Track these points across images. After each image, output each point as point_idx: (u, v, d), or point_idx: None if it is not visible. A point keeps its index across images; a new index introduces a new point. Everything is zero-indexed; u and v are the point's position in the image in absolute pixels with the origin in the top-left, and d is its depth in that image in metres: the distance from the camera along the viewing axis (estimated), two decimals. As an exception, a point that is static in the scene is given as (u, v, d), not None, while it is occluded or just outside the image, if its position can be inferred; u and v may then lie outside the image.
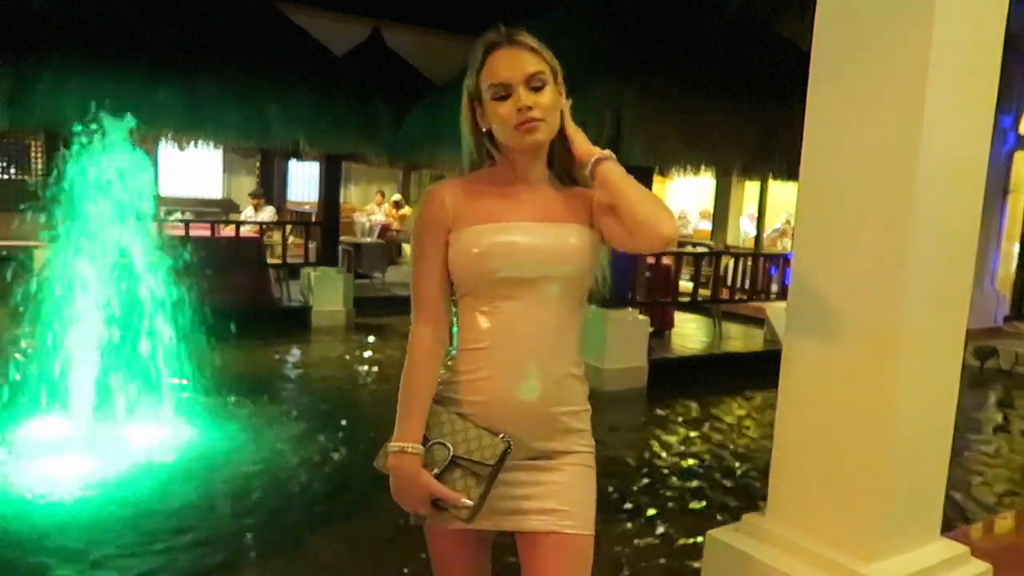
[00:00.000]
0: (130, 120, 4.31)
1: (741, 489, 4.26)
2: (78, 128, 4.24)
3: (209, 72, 6.96)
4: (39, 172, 11.31)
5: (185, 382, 4.67)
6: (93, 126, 4.23)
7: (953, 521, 3.82)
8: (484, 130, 1.59)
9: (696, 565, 2.97)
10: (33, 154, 11.56)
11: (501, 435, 1.52)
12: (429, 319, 1.59)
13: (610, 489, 4.04)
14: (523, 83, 1.50)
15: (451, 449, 1.52)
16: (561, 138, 1.61)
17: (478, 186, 1.61)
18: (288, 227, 9.47)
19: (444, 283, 1.59)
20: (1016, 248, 10.11)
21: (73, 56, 6.39)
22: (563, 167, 1.65)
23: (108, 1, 6.90)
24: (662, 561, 3.34)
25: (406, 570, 3.11)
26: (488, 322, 1.55)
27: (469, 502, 1.50)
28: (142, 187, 4.40)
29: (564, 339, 1.58)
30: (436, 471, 1.52)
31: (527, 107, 1.49)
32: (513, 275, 1.52)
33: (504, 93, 1.51)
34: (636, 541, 3.50)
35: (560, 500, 1.56)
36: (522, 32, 1.56)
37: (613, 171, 1.55)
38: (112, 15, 6.85)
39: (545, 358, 1.55)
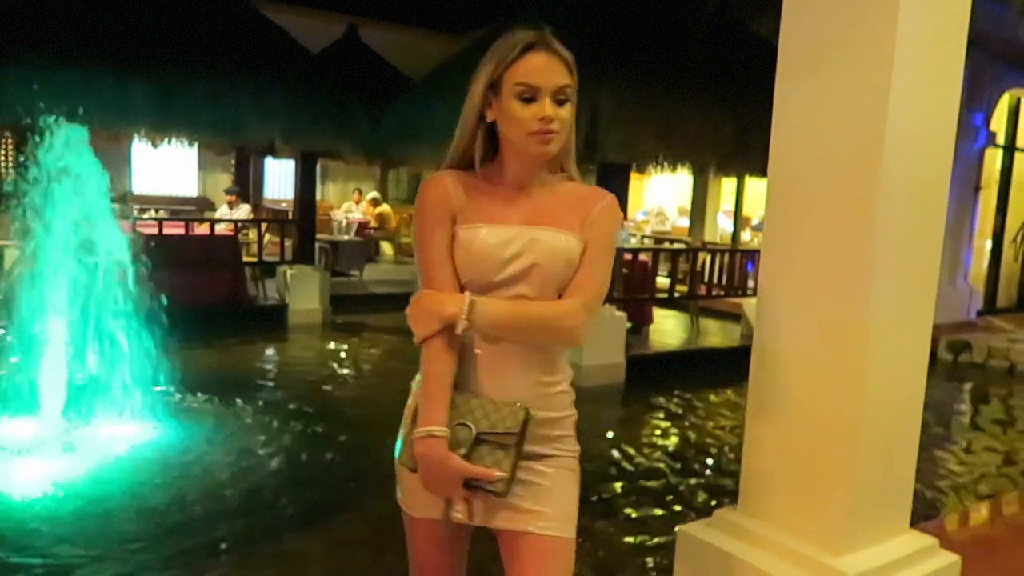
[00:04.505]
0: (96, 119, 4.26)
1: (718, 484, 4.29)
2: (45, 126, 4.18)
3: (182, 69, 6.87)
4: (8, 170, 11.14)
5: (160, 382, 4.62)
6: (58, 125, 4.17)
7: (927, 514, 3.87)
8: (488, 121, 1.56)
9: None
10: (2, 152, 11.38)
11: (518, 403, 1.51)
12: None
13: (587, 485, 4.04)
14: (551, 93, 1.50)
15: (473, 427, 1.51)
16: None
17: (475, 182, 1.59)
18: (264, 225, 9.39)
19: (454, 268, 1.56)
20: (988, 244, 10.26)
21: (43, 52, 6.29)
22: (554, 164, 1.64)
23: (78, -4, 6.81)
24: (638, 556, 3.35)
25: (383, 567, 3.10)
26: None
27: (503, 474, 1.49)
28: (112, 186, 4.36)
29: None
30: (463, 451, 1.49)
31: (549, 118, 1.49)
32: (498, 278, 1.53)
33: (530, 96, 1.49)
34: (613, 536, 3.51)
35: (538, 501, 1.56)
36: (558, 42, 1.54)
37: (486, 322, 1.50)
38: (83, 10, 6.75)
39: (525, 359, 1.55)
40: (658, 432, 5.28)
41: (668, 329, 8.61)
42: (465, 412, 1.52)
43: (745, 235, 12.23)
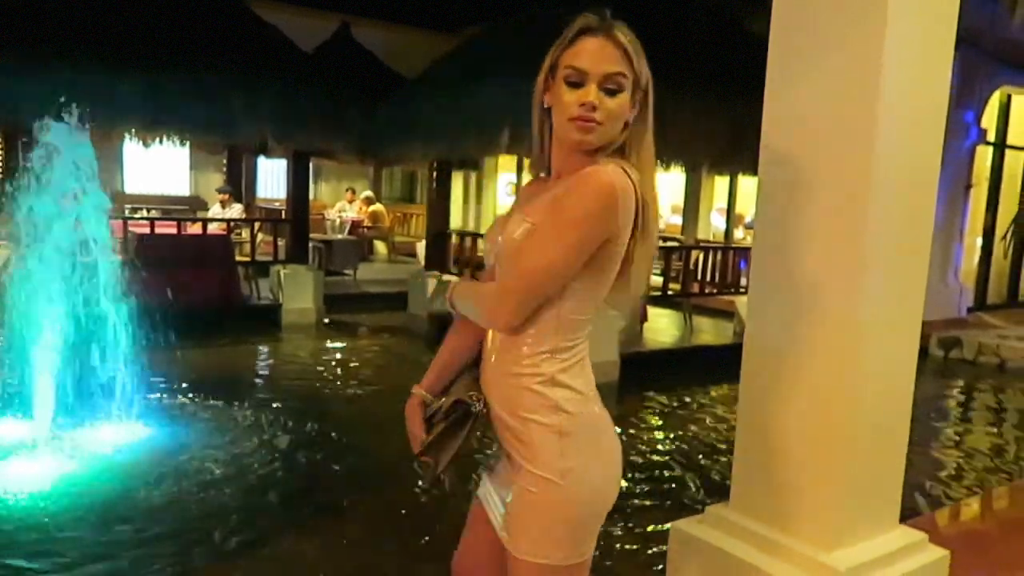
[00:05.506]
0: (87, 118, 4.24)
1: (712, 481, 4.30)
2: (36, 125, 4.17)
3: (174, 67, 6.87)
4: None
5: (153, 382, 4.61)
6: (49, 124, 4.16)
7: (917, 509, 3.89)
8: (545, 107, 1.51)
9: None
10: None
11: (472, 394, 1.54)
12: None
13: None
14: (598, 80, 1.42)
15: (445, 399, 1.60)
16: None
17: (542, 181, 1.62)
18: (257, 224, 9.38)
19: None
20: (979, 242, 10.30)
21: (33, 52, 6.27)
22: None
23: (69, -5, 6.79)
24: (632, 552, 3.36)
25: (379, 567, 3.11)
26: None
27: (420, 435, 1.58)
28: (103, 186, 4.34)
29: (515, 334, 1.49)
30: (428, 415, 1.60)
31: (591, 105, 1.41)
32: (488, 264, 1.63)
33: (577, 80, 1.43)
34: (607, 533, 3.52)
35: (509, 513, 1.53)
36: (622, 28, 1.46)
37: (453, 302, 1.64)
38: (74, 9, 6.74)
39: (495, 348, 1.56)
40: (652, 429, 5.30)
41: (662, 327, 8.62)
42: (457, 385, 1.61)
43: (738, 233, 12.28)
